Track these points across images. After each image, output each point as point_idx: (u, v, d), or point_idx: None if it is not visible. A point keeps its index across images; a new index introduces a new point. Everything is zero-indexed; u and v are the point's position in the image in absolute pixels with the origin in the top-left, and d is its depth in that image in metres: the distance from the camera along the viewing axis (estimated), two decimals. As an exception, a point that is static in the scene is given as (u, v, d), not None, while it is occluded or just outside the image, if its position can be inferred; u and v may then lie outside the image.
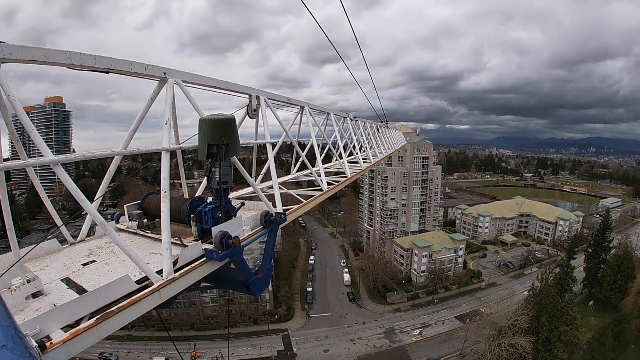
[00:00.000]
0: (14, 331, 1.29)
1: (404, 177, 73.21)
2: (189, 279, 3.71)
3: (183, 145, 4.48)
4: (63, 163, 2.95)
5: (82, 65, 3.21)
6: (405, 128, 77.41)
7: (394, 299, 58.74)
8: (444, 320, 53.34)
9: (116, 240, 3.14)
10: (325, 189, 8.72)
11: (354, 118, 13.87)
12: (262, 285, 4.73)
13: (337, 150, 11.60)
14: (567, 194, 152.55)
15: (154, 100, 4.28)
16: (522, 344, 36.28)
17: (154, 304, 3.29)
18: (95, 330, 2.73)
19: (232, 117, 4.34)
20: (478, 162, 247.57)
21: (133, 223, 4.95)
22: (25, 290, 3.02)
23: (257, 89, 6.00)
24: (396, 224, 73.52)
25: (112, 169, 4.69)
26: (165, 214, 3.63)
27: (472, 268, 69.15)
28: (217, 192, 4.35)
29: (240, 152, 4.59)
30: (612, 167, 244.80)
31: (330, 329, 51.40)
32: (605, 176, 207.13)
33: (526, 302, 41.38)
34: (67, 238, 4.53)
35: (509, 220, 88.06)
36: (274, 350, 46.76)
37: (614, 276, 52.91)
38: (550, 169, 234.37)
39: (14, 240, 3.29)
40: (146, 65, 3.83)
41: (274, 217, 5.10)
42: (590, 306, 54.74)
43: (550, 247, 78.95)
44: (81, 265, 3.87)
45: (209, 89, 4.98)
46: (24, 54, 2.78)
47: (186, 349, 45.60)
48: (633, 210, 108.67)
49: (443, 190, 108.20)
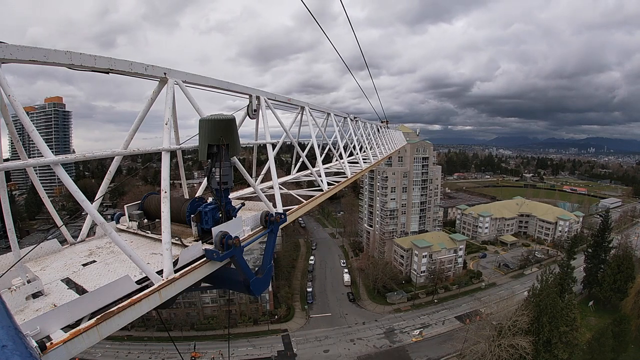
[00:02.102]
0: (14, 331, 1.29)
1: (404, 177, 73.20)
2: (189, 279, 3.72)
3: (183, 145, 4.48)
4: (63, 163, 2.95)
5: (82, 65, 3.21)
6: (405, 128, 77.46)
7: (393, 299, 58.74)
8: (444, 320, 53.32)
9: (116, 240, 3.14)
10: (325, 189, 8.73)
11: (354, 118, 13.87)
12: (262, 285, 4.73)
13: (337, 150, 11.60)
14: (566, 194, 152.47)
15: (154, 101, 4.28)
16: (521, 344, 36.29)
17: (154, 304, 3.29)
18: (95, 330, 2.73)
19: (232, 117, 4.34)
20: (478, 162, 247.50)
21: (133, 223, 4.95)
22: (25, 290, 3.02)
23: (257, 89, 5.99)
24: (396, 224, 73.52)
25: (112, 169, 4.69)
26: (165, 214, 3.64)
27: (472, 268, 69.15)
28: (217, 192, 4.35)
29: (240, 152, 4.59)
30: (612, 167, 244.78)
31: (330, 329, 51.39)
32: (605, 176, 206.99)
33: (526, 302, 41.39)
34: (67, 238, 4.53)
35: (509, 220, 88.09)
36: (273, 350, 46.72)
37: (614, 276, 52.91)
38: (549, 169, 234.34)
39: (14, 240, 3.29)
40: (146, 65, 3.83)
41: (274, 217, 5.10)
42: (590, 306, 54.75)
43: (550, 247, 78.97)
44: (81, 265, 3.87)
45: (209, 89, 4.98)
46: (24, 54, 2.78)
47: (186, 349, 45.57)
48: (633, 210, 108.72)
49: (443, 190, 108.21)
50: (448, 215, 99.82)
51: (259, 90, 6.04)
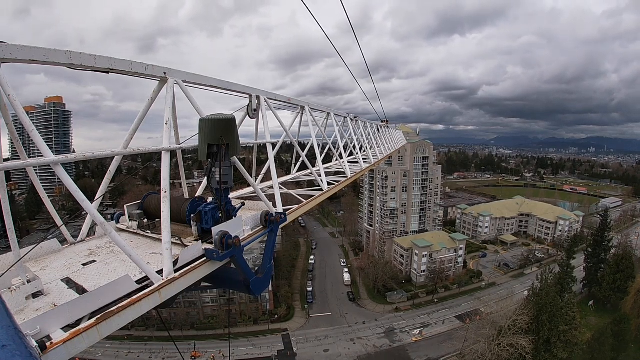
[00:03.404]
0: (14, 331, 1.29)
1: (404, 176, 73.20)
2: (189, 279, 3.71)
3: (183, 145, 4.47)
4: (63, 163, 2.95)
5: (82, 65, 3.20)
6: (405, 128, 77.43)
7: (393, 298, 58.76)
8: (444, 320, 53.35)
9: (116, 240, 3.14)
10: (325, 189, 8.72)
11: (354, 118, 13.86)
12: (262, 285, 4.73)
13: (337, 150, 11.60)
14: (566, 193, 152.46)
15: (154, 100, 4.27)
16: (521, 343, 36.31)
17: (154, 303, 3.29)
18: (95, 330, 2.73)
19: (232, 117, 4.34)
20: (478, 161, 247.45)
21: (133, 223, 4.95)
22: (25, 290, 3.01)
23: (257, 89, 5.97)
24: (396, 224, 73.53)
25: (112, 169, 4.69)
26: (165, 213, 3.63)
27: (472, 268, 69.16)
28: (217, 192, 4.35)
29: (240, 152, 4.59)
30: (612, 166, 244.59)
31: (330, 328, 51.42)
32: (605, 176, 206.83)
33: (526, 302, 41.40)
34: (67, 238, 4.53)
35: (509, 220, 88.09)
36: (273, 350, 46.77)
37: (614, 276, 52.93)
38: (550, 169, 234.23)
39: (14, 240, 3.29)
40: (146, 65, 3.83)
41: (274, 217, 5.10)
42: (590, 306, 54.77)
43: (550, 246, 78.97)
44: (81, 265, 3.87)
45: (209, 88, 4.97)
46: (24, 54, 2.78)
47: (186, 348, 45.62)
48: (633, 210, 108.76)
49: (443, 190, 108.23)
50: (448, 214, 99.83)
51: (259, 90, 6.03)
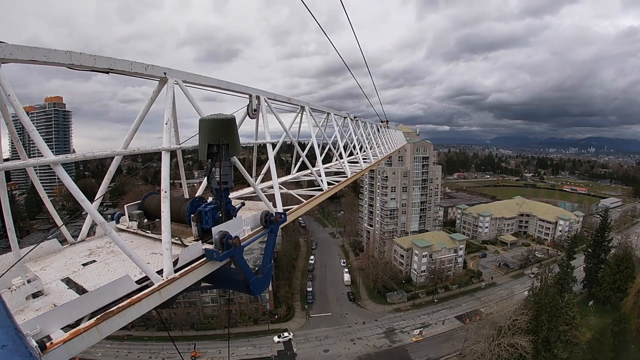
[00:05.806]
0: (14, 331, 1.29)
1: (404, 176, 73.20)
2: (189, 279, 3.71)
3: (183, 145, 4.47)
4: (63, 163, 2.95)
5: (82, 65, 3.20)
6: (405, 128, 77.44)
7: (393, 298, 58.75)
8: (444, 320, 53.33)
9: (116, 240, 3.14)
10: (325, 189, 8.72)
11: (354, 118, 13.86)
12: (262, 285, 4.73)
13: (337, 150, 11.58)
14: (566, 193, 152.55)
15: (154, 100, 4.27)
16: (521, 343, 36.31)
17: (154, 303, 3.29)
18: (95, 330, 2.73)
19: (232, 117, 4.34)
20: (478, 161, 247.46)
21: (133, 223, 4.95)
22: (25, 290, 3.01)
23: (257, 89, 5.97)
24: (396, 224, 73.53)
25: (112, 169, 4.69)
26: (165, 213, 3.63)
27: (472, 268, 69.15)
28: (217, 192, 4.35)
29: (240, 152, 4.58)
30: (612, 166, 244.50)
31: (330, 328, 51.40)
32: (605, 176, 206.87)
33: (526, 302, 41.42)
34: (67, 238, 4.53)
35: (509, 220, 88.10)
36: (273, 350, 46.77)
37: (614, 276, 52.94)
38: (550, 169, 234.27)
39: (14, 240, 3.29)
40: (146, 65, 3.82)
41: (274, 217, 5.10)
42: (589, 306, 54.74)
43: (550, 246, 78.98)
44: (81, 265, 3.87)
45: (209, 88, 4.97)
46: (24, 54, 2.78)
47: (186, 348, 45.61)
48: (633, 210, 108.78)
49: (443, 190, 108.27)
50: (448, 214, 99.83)
51: (259, 90, 6.03)
